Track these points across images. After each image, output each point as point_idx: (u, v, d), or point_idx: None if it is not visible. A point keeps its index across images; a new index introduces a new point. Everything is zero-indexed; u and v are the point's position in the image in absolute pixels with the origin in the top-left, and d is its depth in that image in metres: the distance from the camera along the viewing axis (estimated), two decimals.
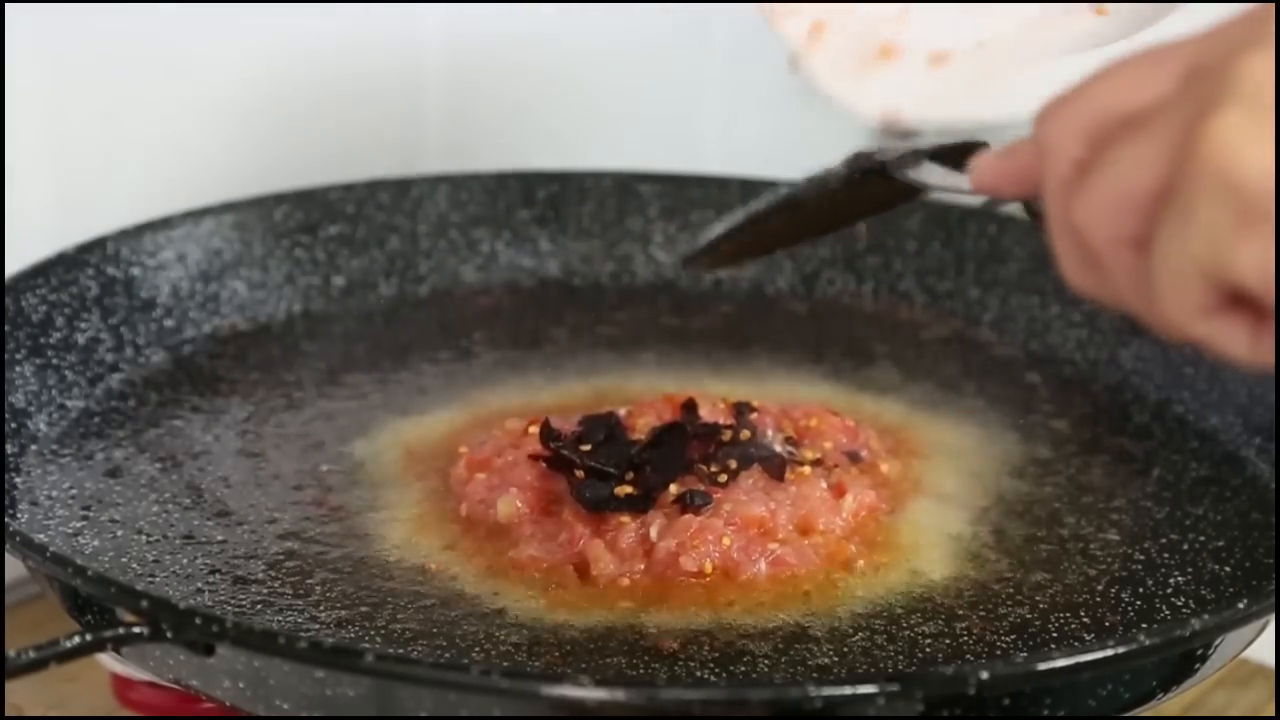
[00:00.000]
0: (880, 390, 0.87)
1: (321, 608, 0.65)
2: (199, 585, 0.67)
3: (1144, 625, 0.66)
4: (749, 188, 1.01)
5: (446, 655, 0.62)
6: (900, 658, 0.64)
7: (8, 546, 0.62)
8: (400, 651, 0.62)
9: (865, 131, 0.64)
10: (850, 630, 0.65)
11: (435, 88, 1.12)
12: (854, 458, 0.77)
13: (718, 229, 0.70)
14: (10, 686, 0.54)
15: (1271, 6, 0.45)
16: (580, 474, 0.71)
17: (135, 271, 0.87)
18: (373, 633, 0.64)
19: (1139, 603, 0.68)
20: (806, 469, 0.73)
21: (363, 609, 0.66)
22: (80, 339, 0.83)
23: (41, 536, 0.69)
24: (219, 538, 0.71)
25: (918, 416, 0.84)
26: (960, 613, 0.67)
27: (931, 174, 0.62)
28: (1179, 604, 0.68)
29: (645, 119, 1.25)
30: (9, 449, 0.75)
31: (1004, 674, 0.54)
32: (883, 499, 0.74)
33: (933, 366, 0.90)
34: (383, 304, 0.96)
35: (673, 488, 0.71)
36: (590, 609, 0.66)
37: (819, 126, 1.35)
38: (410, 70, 1.10)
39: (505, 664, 0.62)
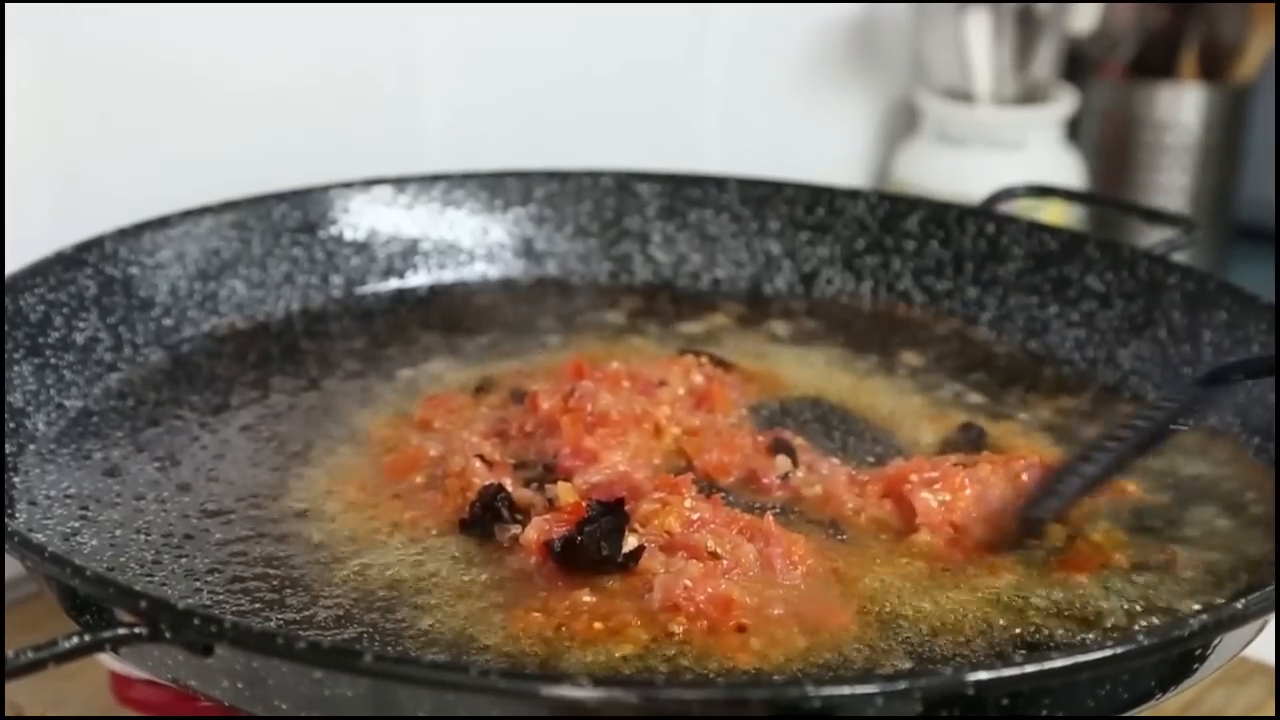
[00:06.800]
0: (880, 389, 0.87)
1: (320, 607, 0.65)
2: (197, 585, 0.67)
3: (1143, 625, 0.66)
4: (748, 188, 1.01)
5: (447, 655, 0.62)
6: (900, 658, 0.64)
7: (6, 546, 0.62)
8: (399, 652, 0.62)
9: (864, 134, 0.64)
10: (849, 630, 0.65)
11: (435, 88, 1.12)
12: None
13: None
14: (9, 684, 0.54)
15: None
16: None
17: (134, 271, 0.87)
18: (372, 632, 0.64)
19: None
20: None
21: (362, 608, 0.66)
22: (79, 338, 0.83)
23: (39, 536, 0.69)
24: (217, 537, 0.71)
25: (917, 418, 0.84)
26: (960, 612, 0.67)
27: None
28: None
29: (645, 119, 1.25)
30: (7, 448, 0.75)
31: (1003, 674, 0.54)
32: None
33: (932, 366, 0.90)
34: (382, 304, 0.96)
35: None
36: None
37: (818, 127, 1.36)
38: (410, 70, 1.10)
39: (504, 665, 0.62)
